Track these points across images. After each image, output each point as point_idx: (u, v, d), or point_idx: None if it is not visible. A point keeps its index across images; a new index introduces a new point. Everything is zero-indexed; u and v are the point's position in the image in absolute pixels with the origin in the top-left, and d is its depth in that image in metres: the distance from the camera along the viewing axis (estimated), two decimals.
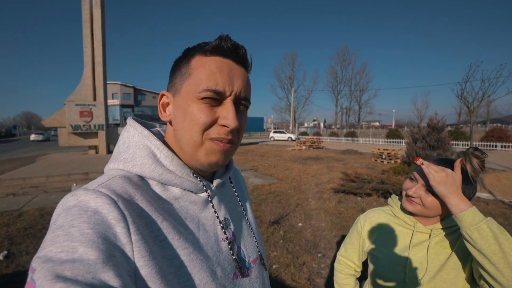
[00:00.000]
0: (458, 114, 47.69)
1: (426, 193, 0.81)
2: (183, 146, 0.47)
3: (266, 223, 3.90)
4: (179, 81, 0.47)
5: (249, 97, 0.49)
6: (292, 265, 2.80)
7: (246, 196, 0.68)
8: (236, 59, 0.47)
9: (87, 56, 11.04)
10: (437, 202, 0.79)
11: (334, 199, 5.27)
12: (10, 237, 3.50)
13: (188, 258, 0.43)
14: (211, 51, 0.45)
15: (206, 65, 0.45)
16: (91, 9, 11.07)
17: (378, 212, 1.00)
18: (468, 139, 17.06)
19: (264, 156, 13.18)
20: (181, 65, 0.48)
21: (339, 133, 32.85)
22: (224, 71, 0.45)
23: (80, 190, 0.39)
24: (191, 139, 0.45)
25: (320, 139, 19.44)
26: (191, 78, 0.45)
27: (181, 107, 0.46)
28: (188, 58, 0.47)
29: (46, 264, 0.31)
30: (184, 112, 0.45)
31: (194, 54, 0.46)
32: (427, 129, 7.20)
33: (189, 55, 0.47)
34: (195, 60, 0.46)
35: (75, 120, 10.75)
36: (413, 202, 0.83)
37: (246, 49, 0.48)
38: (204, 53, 0.46)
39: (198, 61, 0.45)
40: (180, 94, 0.47)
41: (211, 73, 0.44)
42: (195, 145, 0.46)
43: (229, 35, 0.46)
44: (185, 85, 0.46)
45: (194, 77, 0.45)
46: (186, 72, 0.46)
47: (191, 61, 0.46)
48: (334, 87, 47.19)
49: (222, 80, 0.44)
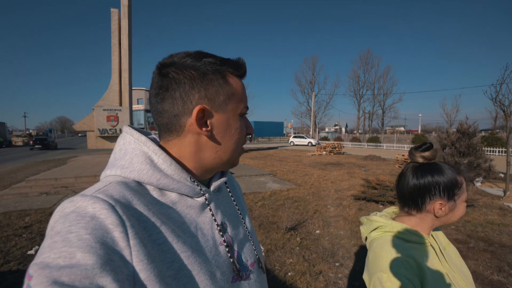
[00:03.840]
0: (493, 118, 44.41)
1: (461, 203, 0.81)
2: (224, 157, 0.52)
3: (283, 229, 3.83)
4: (223, 98, 0.50)
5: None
6: (308, 273, 2.72)
7: (242, 201, 0.69)
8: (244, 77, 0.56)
9: (115, 63, 11.71)
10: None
11: (354, 206, 5.09)
12: (42, 233, 3.74)
13: (187, 261, 0.43)
14: (238, 72, 0.52)
15: (239, 86, 0.52)
16: (119, 20, 11.77)
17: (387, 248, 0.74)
18: (504, 145, 15.80)
19: (283, 161, 13.08)
20: (216, 78, 0.49)
21: (361, 139, 31.85)
22: (245, 90, 0.55)
23: (77, 197, 0.39)
24: (237, 149, 0.53)
25: (341, 144, 18.97)
26: (234, 98, 0.51)
27: (227, 122, 0.51)
28: (223, 74, 0.50)
29: (43, 271, 0.31)
30: (231, 127, 0.51)
31: (225, 72, 0.50)
32: (457, 134, 6.77)
33: (220, 70, 0.50)
34: (231, 80, 0.51)
35: (102, 124, 11.39)
36: None
37: None
38: (232, 72, 0.51)
39: (234, 81, 0.51)
40: (226, 111, 0.51)
41: (244, 94, 0.54)
42: (239, 153, 0.55)
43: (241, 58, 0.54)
44: (231, 103, 0.51)
45: (237, 97, 0.52)
46: (229, 91, 0.50)
47: (229, 80, 0.51)
48: (356, 91, 45.86)
49: (246, 99, 0.55)
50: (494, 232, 3.86)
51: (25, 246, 3.33)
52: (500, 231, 3.90)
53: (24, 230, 3.90)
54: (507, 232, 3.87)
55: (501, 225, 4.16)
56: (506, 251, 3.25)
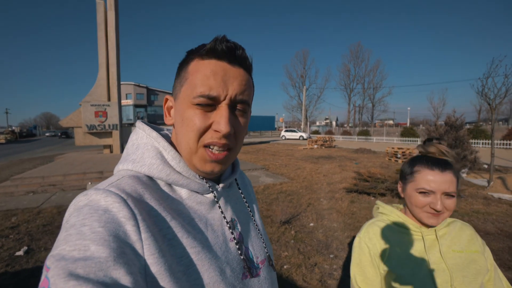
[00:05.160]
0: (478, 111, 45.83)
1: (448, 198, 0.77)
2: (182, 151, 0.48)
3: (277, 222, 3.87)
4: (178, 85, 0.48)
5: (247, 99, 0.47)
6: (303, 266, 2.76)
7: (252, 198, 0.68)
8: (233, 60, 0.45)
9: (102, 57, 11.34)
10: (455, 201, 0.78)
11: (346, 199, 5.17)
12: (30, 233, 3.64)
13: (197, 256, 0.43)
14: (207, 54, 0.45)
15: (201, 69, 0.45)
16: (106, 12, 11.36)
17: (374, 227, 0.88)
18: (488, 137, 16.35)
19: (276, 155, 13.13)
20: (181, 68, 0.48)
21: (352, 132, 32.31)
22: (218, 74, 0.44)
23: (91, 190, 0.40)
24: (187, 146, 0.46)
25: (332, 138, 19.18)
26: (187, 83, 0.46)
27: (179, 112, 0.47)
28: (188, 62, 0.47)
29: (59, 263, 0.32)
30: (181, 117, 0.46)
31: (192, 58, 0.46)
32: (445, 127, 6.94)
33: (188, 58, 0.47)
34: (192, 64, 0.46)
35: (90, 120, 11.08)
36: (439, 215, 0.77)
37: (244, 49, 0.47)
38: (200, 56, 0.45)
39: (195, 65, 0.45)
40: (179, 99, 0.47)
41: (205, 77, 0.44)
42: (190, 151, 0.46)
43: (225, 36, 0.45)
44: (183, 90, 0.46)
45: (190, 82, 0.45)
46: (183, 77, 0.47)
47: (189, 65, 0.46)
48: (346, 85, 46.30)
49: (216, 85, 0.44)
50: (479, 221, 4.02)
51: (13, 247, 3.23)
52: (484, 220, 4.06)
53: (10, 230, 3.78)
54: (491, 220, 4.03)
55: (486, 214, 4.33)
56: (491, 238, 3.39)
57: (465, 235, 0.83)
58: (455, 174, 0.78)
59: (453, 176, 0.77)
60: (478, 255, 0.79)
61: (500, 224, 3.88)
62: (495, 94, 5.90)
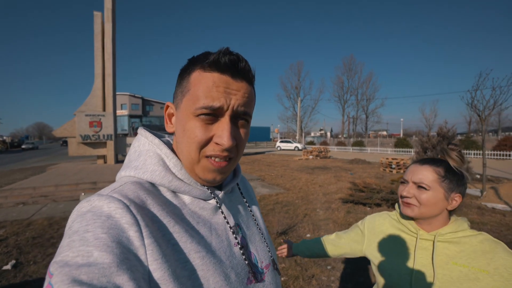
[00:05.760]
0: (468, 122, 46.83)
1: (419, 190, 0.81)
2: (183, 159, 0.49)
3: (274, 233, 3.83)
4: (180, 95, 0.48)
5: (249, 111, 0.48)
6: (301, 278, 2.72)
7: (255, 202, 0.69)
8: (235, 74, 0.45)
9: (98, 68, 11.38)
10: (433, 198, 0.79)
11: (342, 209, 5.16)
12: (19, 246, 3.52)
13: (201, 261, 0.42)
14: (209, 66, 0.45)
15: (203, 81, 0.44)
16: (103, 23, 11.49)
17: (384, 216, 0.99)
18: (479, 148, 16.66)
19: (271, 166, 13.12)
20: (183, 77, 0.48)
21: (346, 143, 32.58)
22: (221, 87, 0.44)
23: (93, 196, 0.40)
24: (188, 156, 0.47)
25: (327, 149, 19.29)
26: (190, 93, 0.45)
27: (181, 122, 0.47)
28: (189, 71, 0.47)
29: (63, 269, 0.32)
30: (183, 127, 0.46)
31: (194, 68, 0.46)
32: (437, 138, 7.06)
33: (190, 67, 0.47)
34: (194, 75, 0.46)
35: (84, 130, 10.98)
36: (410, 205, 0.82)
37: (247, 61, 0.47)
38: (203, 68, 0.45)
39: (197, 76, 0.45)
40: (180, 108, 0.47)
41: (207, 89, 0.44)
42: (192, 161, 0.47)
43: (229, 48, 0.45)
44: (185, 100, 0.46)
45: (192, 93, 0.45)
46: (185, 87, 0.46)
47: (192, 75, 0.46)
48: (340, 96, 47.07)
49: (218, 97, 0.44)
50: None
51: (0, 261, 3.11)
52: (479, 229, 4.05)
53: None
54: (486, 230, 4.05)
55: (480, 223, 4.36)
56: None
57: (483, 252, 0.75)
58: (437, 171, 0.80)
59: (432, 171, 0.80)
60: (485, 276, 0.72)
61: (495, 233, 3.91)
62: (484, 106, 6.07)
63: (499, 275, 0.70)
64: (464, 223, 0.83)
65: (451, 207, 0.81)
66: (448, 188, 0.79)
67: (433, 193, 0.79)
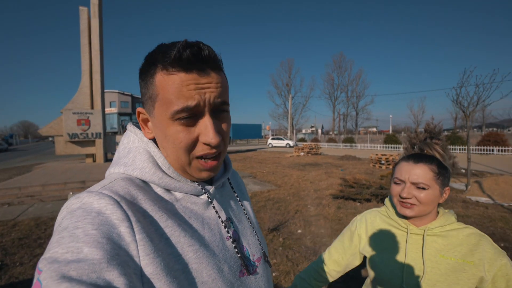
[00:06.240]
0: (454, 119, 48.15)
1: (418, 190, 0.80)
2: (171, 162, 0.48)
3: (265, 230, 3.86)
4: (149, 101, 0.45)
5: (226, 100, 0.46)
6: (292, 273, 2.75)
7: (246, 196, 0.69)
8: (202, 68, 0.42)
9: (85, 65, 11.09)
10: (432, 196, 0.80)
11: (333, 205, 5.24)
12: (4, 248, 3.43)
13: (194, 255, 0.43)
14: (172, 66, 0.41)
15: (170, 82, 0.42)
16: (89, 19, 11.18)
17: (374, 213, 0.99)
18: (464, 143, 17.17)
19: (263, 163, 13.15)
20: (146, 80, 0.45)
21: (337, 139, 32.96)
22: (191, 84, 0.42)
23: (83, 193, 0.40)
24: (178, 160, 0.46)
25: (318, 145, 19.48)
26: (160, 99, 0.43)
27: (159, 128, 0.45)
28: (152, 74, 0.43)
29: (52, 265, 0.31)
30: (164, 134, 0.45)
31: (156, 70, 0.43)
32: (424, 134, 7.24)
33: (151, 68, 0.44)
34: (158, 78, 0.42)
35: (72, 128, 10.72)
36: (411, 206, 0.81)
37: (209, 47, 0.43)
38: (165, 68, 0.42)
39: (162, 79, 0.42)
40: (154, 115, 0.45)
41: (177, 90, 0.41)
42: (183, 164, 0.47)
43: (186, 40, 0.42)
44: (157, 106, 0.44)
45: (162, 98, 0.43)
46: (153, 92, 0.44)
47: (155, 78, 0.43)
48: (331, 93, 47.46)
49: (191, 95, 0.41)
50: None
51: None
52: (464, 222, 4.21)
53: None
54: (470, 223, 4.20)
55: (465, 216, 4.52)
56: None
57: (468, 245, 0.79)
58: (432, 168, 0.80)
59: (428, 170, 0.80)
60: (470, 266, 0.76)
61: (478, 226, 4.06)
62: (468, 103, 6.25)
63: (482, 266, 0.75)
64: (452, 217, 0.85)
65: (442, 200, 0.83)
66: (442, 184, 0.81)
67: (432, 191, 0.80)
